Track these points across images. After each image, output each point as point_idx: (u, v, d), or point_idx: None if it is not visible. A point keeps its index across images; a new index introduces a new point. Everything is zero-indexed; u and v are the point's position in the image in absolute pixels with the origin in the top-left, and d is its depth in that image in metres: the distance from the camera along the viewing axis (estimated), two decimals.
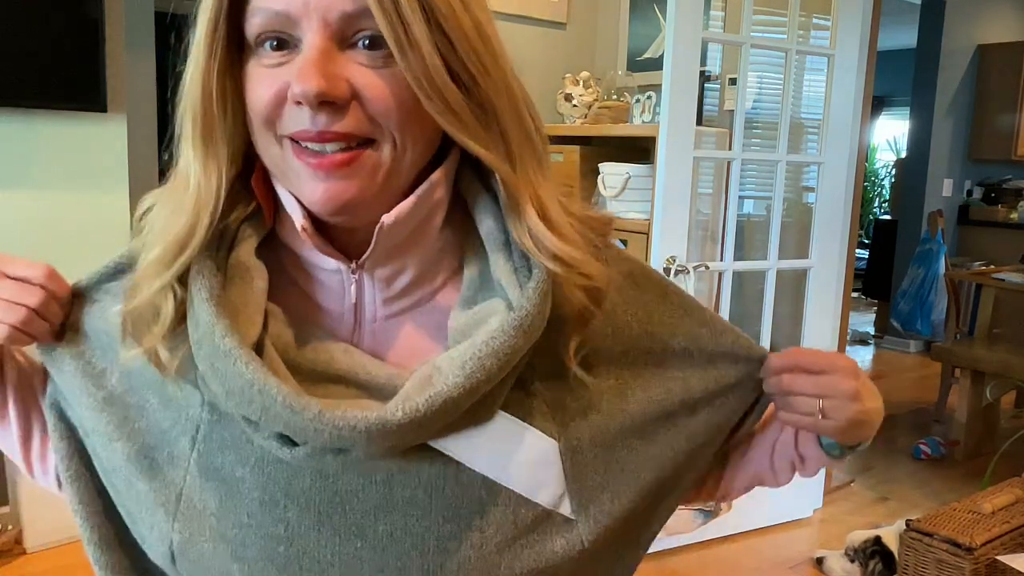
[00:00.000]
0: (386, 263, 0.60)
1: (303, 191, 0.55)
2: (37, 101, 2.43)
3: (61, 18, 2.38)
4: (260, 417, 0.54)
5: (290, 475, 0.59)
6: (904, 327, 5.30)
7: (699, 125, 2.65)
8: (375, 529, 0.58)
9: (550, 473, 0.61)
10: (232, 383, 0.54)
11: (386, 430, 0.53)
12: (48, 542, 2.50)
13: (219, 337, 0.55)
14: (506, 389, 0.60)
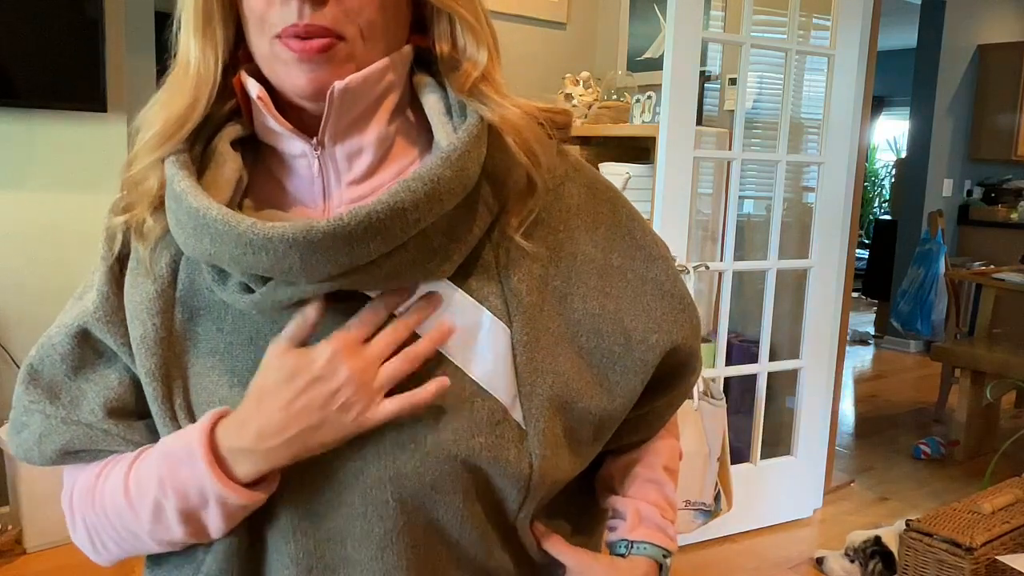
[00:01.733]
0: (344, 139, 0.64)
1: (289, 79, 0.61)
2: (37, 101, 2.43)
3: (61, 18, 2.38)
4: (210, 249, 0.59)
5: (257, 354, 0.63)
6: (904, 327, 5.30)
7: (699, 125, 2.65)
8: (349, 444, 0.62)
9: (503, 365, 0.64)
10: (187, 224, 0.60)
11: (312, 238, 0.56)
12: (48, 542, 2.50)
13: (176, 182, 0.61)
14: (455, 252, 0.63)
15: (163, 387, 0.65)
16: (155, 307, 0.66)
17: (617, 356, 0.69)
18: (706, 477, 2.42)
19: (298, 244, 0.56)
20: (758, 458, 2.85)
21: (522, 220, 0.66)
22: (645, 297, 0.72)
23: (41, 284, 2.56)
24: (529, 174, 0.66)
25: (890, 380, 5.08)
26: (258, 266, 0.58)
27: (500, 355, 0.64)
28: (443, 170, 0.59)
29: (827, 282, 2.86)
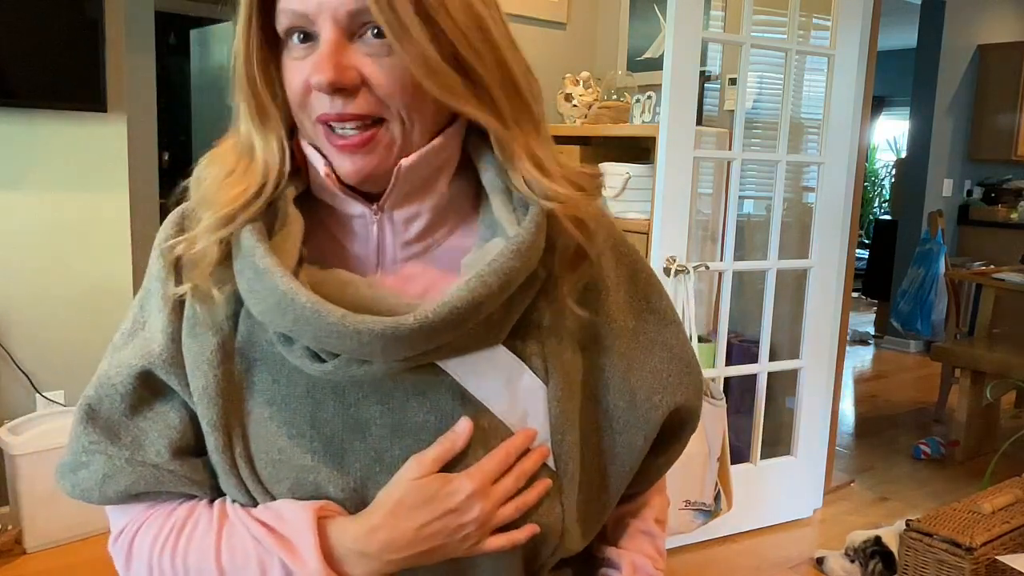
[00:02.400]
0: (403, 206, 0.69)
1: (336, 164, 0.66)
2: (37, 101, 2.43)
3: (61, 18, 2.38)
4: (292, 327, 0.62)
5: (315, 407, 0.66)
6: (904, 327, 5.30)
7: (699, 125, 2.65)
8: (391, 453, 0.67)
9: (538, 416, 0.70)
10: (268, 299, 0.62)
11: (399, 334, 0.61)
12: (48, 542, 2.50)
13: (259, 258, 0.63)
14: (510, 321, 0.68)
15: (223, 437, 0.67)
16: (216, 359, 0.68)
17: (621, 411, 0.75)
18: (706, 477, 2.42)
19: (385, 337, 0.61)
20: (758, 458, 2.85)
21: (573, 287, 0.71)
22: (654, 359, 0.77)
23: (41, 284, 2.56)
24: (580, 244, 0.70)
25: (890, 380, 5.08)
26: (340, 348, 0.63)
27: (538, 410, 0.70)
28: (514, 262, 0.64)
29: (827, 282, 2.86)
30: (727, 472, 2.52)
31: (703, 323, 3.03)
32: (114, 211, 2.66)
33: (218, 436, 0.67)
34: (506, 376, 0.69)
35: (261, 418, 0.68)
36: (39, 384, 2.59)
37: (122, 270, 2.69)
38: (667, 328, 0.79)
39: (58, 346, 2.61)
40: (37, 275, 2.56)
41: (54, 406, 2.60)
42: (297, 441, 0.66)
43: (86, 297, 2.64)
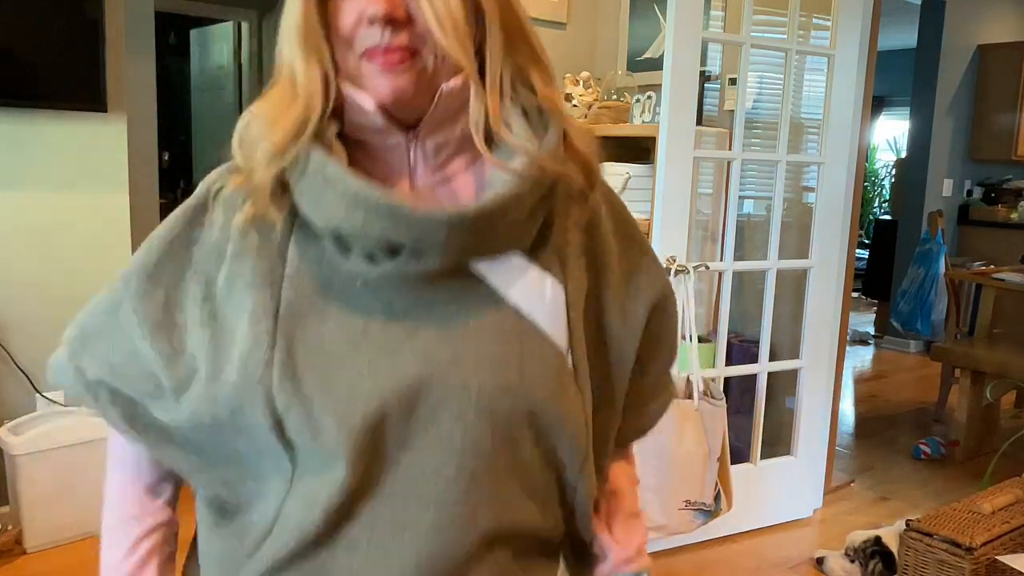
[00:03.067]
0: (433, 134, 0.75)
1: (373, 89, 0.72)
2: (37, 101, 2.43)
3: (61, 18, 2.38)
4: (361, 224, 0.68)
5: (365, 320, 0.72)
6: (904, 327, 5.30)
7: (699, 125, 2.65)
8: (441, 355, 0.71)
9: (559, 320, 0.77)
10: (337, 203, 0.69)
11: (464, 220, 0.68)
12: (48, 542, 2.50)
13: (330, 167, 0.70)
14: (532, 229, 0.76)
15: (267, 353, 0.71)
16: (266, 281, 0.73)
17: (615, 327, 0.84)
18: (706, 477, 2.43)
19: (451, 223, 0.68)
20: (758, 458, 2.85)
21: (582, 213, 0.81)
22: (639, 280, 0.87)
23: (41, 284, 2.56)
24: (591, 167, 0.79)
25: (890, 380, 5.08)
26: (407, 237, 0.69)
27: (559, 314, 0.77)
28: (545, 163, 0.73)
29: (827, 282, 2.86)
30: (727, 472, 2.52)
31: (703, 323, 3.03)
32: (114, 211, 2.66)
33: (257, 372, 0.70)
34: (532, 283, 0.76)
35: (313, 335, 0.71)
36: (39, 384, 2.59)
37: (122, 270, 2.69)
38: (645, 256, 0.89)
39: (58, 346, 2.61)
40: (37, 275, 2.56)
41: (54, 406, 2.60)
42: (350, 353, 0.70)
43: (86, 297, 2.63)
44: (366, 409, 0.69)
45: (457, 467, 0.71)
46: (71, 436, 2.49)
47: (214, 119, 5.79)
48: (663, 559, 2.62)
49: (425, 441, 0.71)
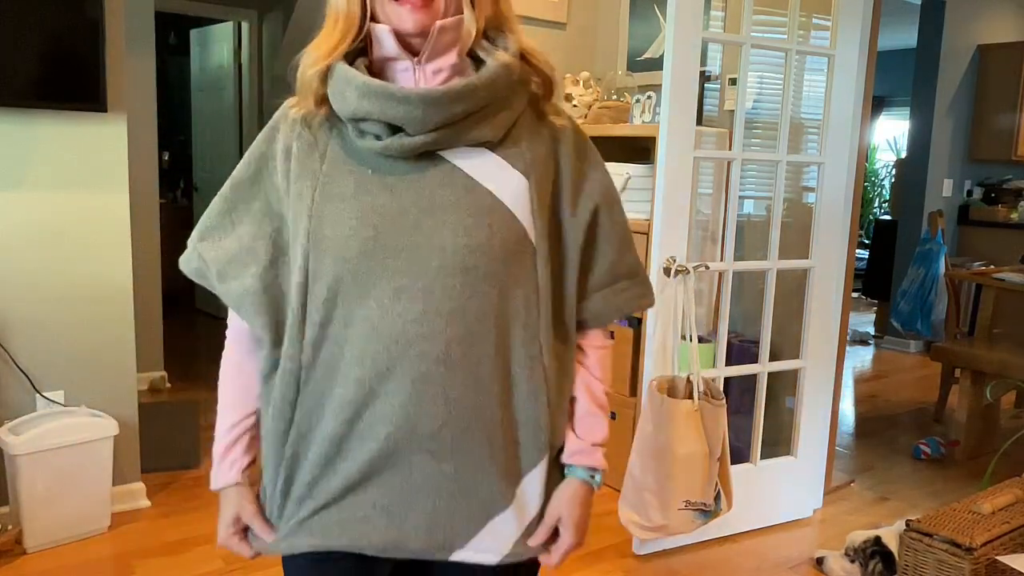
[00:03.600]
0: (433, 60, 1.00)
1: (400, 23, 0.97)
2: (37, 101, 2.43)
3: (61, 18, 2.38)
4: (369, 107, 0.96)
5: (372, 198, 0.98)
6: (904, 327, 5.31)
7: (699, 125, 2.65)
8: (427, 223, 0.97)
9: (525, 204, 1.01)
10: (353, 93, 0.96)
11: (433, 96, 0.95)
12: (48, 542, 2.50)
13: (349, 72, 0.97)
14: (500, 124, 1.01)
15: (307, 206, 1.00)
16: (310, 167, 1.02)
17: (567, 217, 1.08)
18: (706, 477, 2.43)
19: (423, 99, 0.94)
20: (758, 458, 2.85)
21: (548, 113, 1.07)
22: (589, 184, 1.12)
23: (41, 284, 2.56)
24: (551, 82, 1.06)
25: (890, 380, 5.08)
26: (396, 114, 0.95)
27: (522, 196, 1.01)
28: (497, 70, 0.99)
29: (827, 282, 2.86)
30: (727, 472, 2.52)
31: (703, 323, 3.03)
32: (114, 211, 2.66)
33: (302, 223, 1.00)
34: (501, 174, 1.01)
35: (335, 209, 0.99)
36: (39, 384, 2.59)
37: (122, 270, 2.69)
38: (596, 169, 1.14)
39: (58, 346, 2.61)
40: (37, 275, 2.56)
41: (54, 406, 2.60)
42: (361, 220, 0.97)
43: (86, 297, 2.64)
44: (357, 243, 0.97)
45: (428, 300, 0.97)
46: (71, 436, 2.49)
47: (214, 119, 5.79)
48: (663, 559, 2.62)
49: (408, 276, 0.97)
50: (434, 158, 0.99)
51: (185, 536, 2.62)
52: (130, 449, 2.78)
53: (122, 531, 2.64)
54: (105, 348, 2.69)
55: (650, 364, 2.57)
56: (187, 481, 3.06)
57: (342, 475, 1.00)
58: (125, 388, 2.75)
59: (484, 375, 0.99)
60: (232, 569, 2.42)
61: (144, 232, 4.04)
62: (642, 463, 2.46)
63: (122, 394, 2.74)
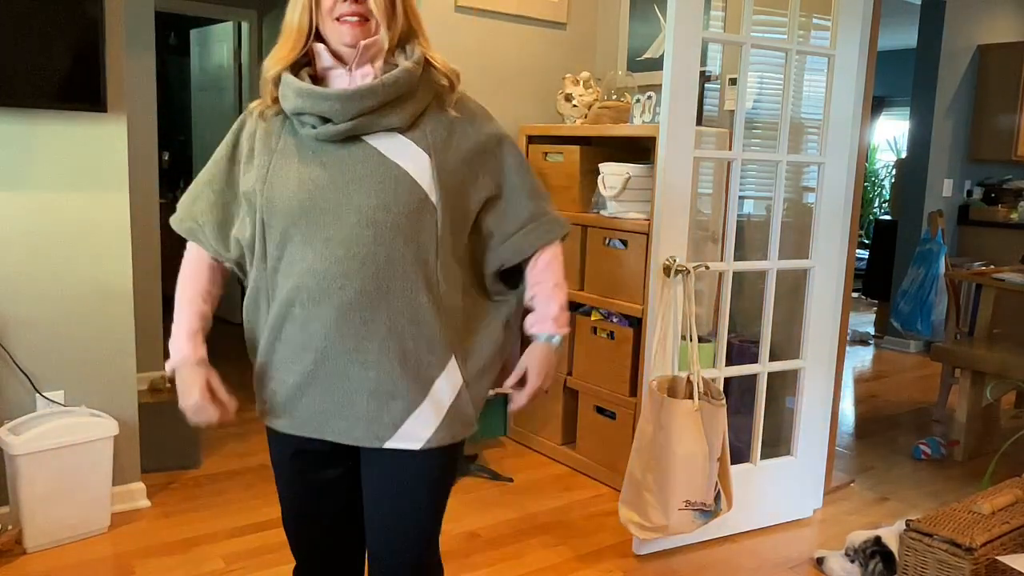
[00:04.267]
0: (361, 66, 1.34)
1: (340, 37, 1.31)
2: (37, 101, 2.43)
3: (61, 18, 2.38)
4: (304, 104, 1.30)
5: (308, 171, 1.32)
6: (904, 327, 5.30)
7: (699, 125, 2.65)
8: (348, 191, 1.30)
9: (427, 174, 1.33)
10: (293, 94, 1.31)
11: (346, 95, 1.29)
12: (48, 542, 2.50)
13: (291, 79, 1.32)
14: (408, 115, 1.33)
15: (260, 185, 1.36)
16: (268, 146, 1.37)
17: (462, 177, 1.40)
18: (706, 477, 2.43)
19: (340, 96, 1.29)
20: (758, 458, 2.85)
21: (448, 104, 1.40)
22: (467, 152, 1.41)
23: (41, 284, 2.56)
24: (451, 80, 1.40)
25: (890, 380, 5.08)
26: (322, 108, 1.29)
27: (424, 168, 1.33)
28: (402, 73, 1.32)
29: (827, 282, 2.86)
30: (727, 472, 2.52)
31: (703, 323, 3.03)
32: (114, 211, 2.66)
33: (259, 186, 1.35)
34: (408, 151, 1.33)
35: (282, 178, 1.33)
36: (39, 384, 2.59)
37: (122, 270, 2.69)
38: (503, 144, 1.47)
39: (58, 346, 2.61)
40: (37, 275, 2.56)
41: (54, 406, 2.60)
42: (299, 187, 1.31)
43: (86, 297, 2.64)
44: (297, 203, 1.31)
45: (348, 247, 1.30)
46: (71, 436, 2.49)
47: (214, 119, 5.78)
48: (663, 559, 2.62)
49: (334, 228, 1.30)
50: (357, 141, 1.32)
51: (185, 536, 2.62)
52: (130, 449, 2.78)
53: (122, 531, 2.64)
54: (105, 348, 2.69)
55: (650, 364, 2.57)
56: (187, 481, 3.06)
57: (296, 375, 1.36)
58: (125, 388, 2.75)
59: (394, 304, 1.32)
60: (232, 569, 2.42)
61: (144, 232, 4.04)
62: (642, 463, 2.46)
63: (122, 394, 2.74)
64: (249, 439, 3.52)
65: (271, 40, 5.43)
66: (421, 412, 1.36)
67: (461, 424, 1.41)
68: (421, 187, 1.31)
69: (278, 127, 1.37)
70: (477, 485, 3.13)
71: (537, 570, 2.51)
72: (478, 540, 2.68)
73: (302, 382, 1.36)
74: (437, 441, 1.38)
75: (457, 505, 2.94)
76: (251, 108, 1.42)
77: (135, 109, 3.88)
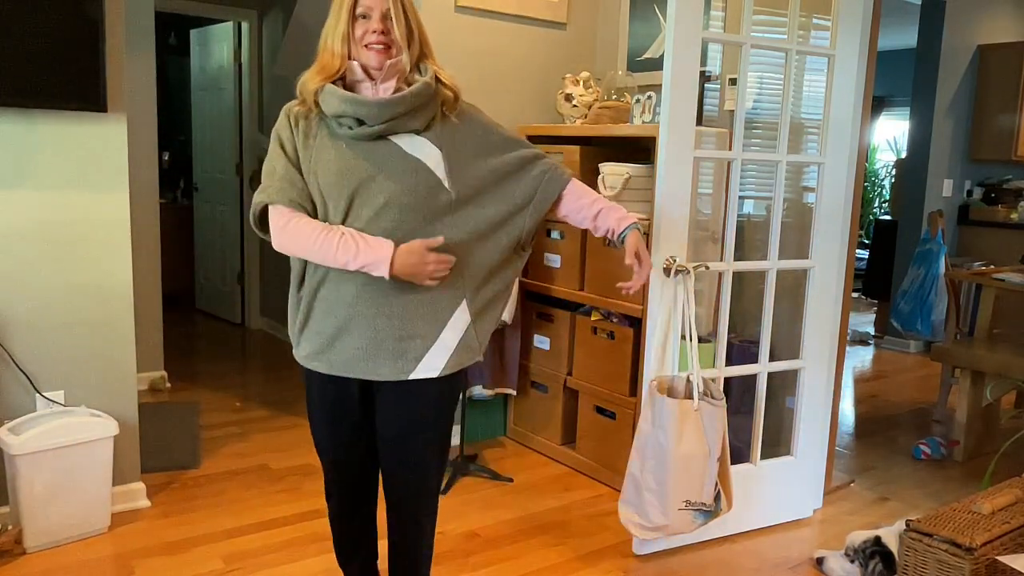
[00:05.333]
0: (385, 82, 1.69)
1: (368, 60, 1.68)
2: (37, 101, 2.43)
3: (61, 18, 2.38)
4: (345, 108, 1.65)
5: (348, 164, 1.67)
6: (904, 327, 5.30)
7: (699, 125, 2.65)
8: (379, 180, 1.67)
9: (438, 163, 1.70)
10: (335, 100, 1.66)
11: (382, 103, 1.65)
12: (48, 542, 2.50)
13: (337, 90, 1.67)
14: (423, 119, 1.70)
15: (312, 177, 1.71)
16: (308, 142, 1.71)
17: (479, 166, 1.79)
18: (706, 477, 2.43)
19: (378, 103, 1.65)
20: (758, 458, 2.85)
21: (453, 111, 1.76)
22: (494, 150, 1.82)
23: (41, 284, 2.57)
24: (455, 93, 1.74)
25: (890, 380, 5.08)
26: (362, 112, 1.64)
27: (438, 160, 1.71)
28: (420, 87, 1.68)
29: (827, 282, 2.87)
30: (727, 472, 2.52)
31: (703, 323, 3.03)
32: (114, 211, 2.66)
33: (310, 177, 1.70)
34: (423, 146, 1.70)
35: (326, 169, 1.68)
36: (39, 384, 2.59)
37: (122, 270, 2.69)
38: (502, 138, 1.84)
39: (58, 346, 2.61)
40: (37, 275, 2.56)
41: (54, 406, 2.60)
42: (339, 179, 1.67)
43: (86, 297, 2.64)
44: (345, 189, 1.67)
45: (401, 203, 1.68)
46: (71, 436, 2.49)
47: (214, 119, 5.78)
48: (663, 559, 2.62)
49: (373, 208, 1.67)
50: (384, 140, 1.69)
51: (185, 536, 2.62)
52: (130, 449, 2.78)
53: (122, 531, 2.64)
54: (105, 348, 2.69)
55: (650, 364, 2.57)
56: (187, 481, 3.06)
57: (331, 325, 1.72)
58: (125, 388, 2.76)
59: None
60: (232, 569, 2.42)
61: (144, 232, 4.04)
62: (642, 463, 2.46)
63: (122, 394, 2.74)
64: (249, 439, 3.52)
65: (271, 40, 5.46)
66: (437, 347, 1.74)
67: (469, 353, 1.80)
68: (435, 174, 1.69)
69: (315, 127, 1.71)
70: (477, 485, 3.13)
71: (537, 570, 2.51)
72: (478, 540, 2.69)
73: (334, 333, 1.72)
74: (450, 368, 1.77)
75: (457, 505, 2.94)
76: (290, 110, 1.73)
77: (135, 109, 3.88)
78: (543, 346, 3.46)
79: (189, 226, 6.21)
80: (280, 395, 4.14)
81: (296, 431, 3.64)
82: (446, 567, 2.49)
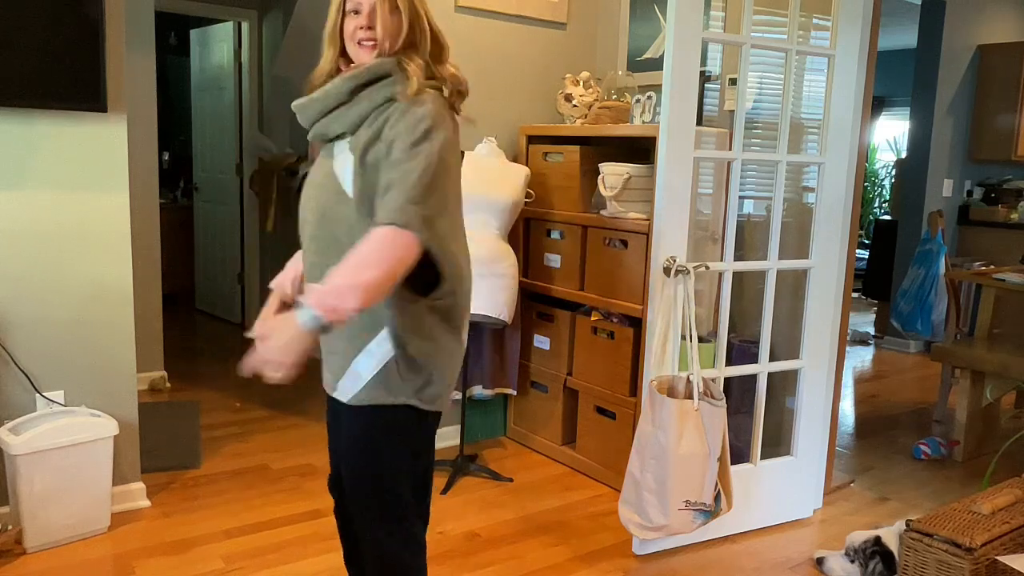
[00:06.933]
0: None
1: (359, 56, 1.56)
2: (37, 101, 2.43)
3: (61, 18, 2.38)
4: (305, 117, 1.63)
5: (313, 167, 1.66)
6: (904, 327, 5.30)
7: (699, 125, 2.65)
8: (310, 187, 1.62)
9: (350, 173, 1.52)
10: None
11: (297, 106, 1.61)
12: (48, 542, 2.50)
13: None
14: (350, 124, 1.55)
15: None
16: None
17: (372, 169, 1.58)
18: (706, 477, 2.43)
19: (297, 107, 1.61)
20: (758, 458, 2.85)
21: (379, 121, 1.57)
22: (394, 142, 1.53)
23: (41, 284, 2.56)
24: (394, 98, 1.53)
25: (890, 380, 5.08)
26: (301, 115, 1.63)
27: (350, 170, 1.53)
28: (336, 83, 1.56)
29: (827, 282, 2.86)
30: (727, 472, 2.52)
31: (703, 323, 3.03)
32: (114, 211, 2.66)
33: None
34: (344, 155, 1.55)
35: None
36: (39, 384, 2.59)
37: (122, 270, 2.69)
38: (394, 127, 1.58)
39: (58, 346, 2.61)
40: (37, 275, 2.56)
41: (54, 406, 2.60)
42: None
43: (86, 297, 2.64)
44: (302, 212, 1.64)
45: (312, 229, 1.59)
46: (71, 436, 2.49)
47: (214, 119, 5.78)
48: (663, 559, 2.62)
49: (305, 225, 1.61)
50: (326, 149, 1.63)
51: (185, 536, 2.62)
52: (130, 449, 2.78)
53: (122, 531, 2.64)
54: (105, 348, 2.69)
55: (650, 364, 2.57)
56: (187, 481, 3.06)
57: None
58: (125, 388, 2.75)
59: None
60: (232, 569, 2.42)
61: (144, 232, 4.04)
62: (642, 463, 2.46)
63: (122, 394, 2.74)
64: (249, 439, 3.52)
65: (271, 40, 5.45)
66: (350, 372, 1.57)
67: (386, 392, 1.54)
68: (342, 186, 1.54)
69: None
70: (477, 485, 3.13)
71: (537, 570, 2.51)
72: (478, 540, 2.68)
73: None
74: (360, 400, 1.56)
75: (457, 505, 2.94)
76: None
77: (135, 109, 3.88)
78: (543, 346, 3.46)
79: (189, 226, 6.21)
80: (280, 395, 4.13)
81: (296, 431, 3.64)
82: (446, 567, 2.49)
